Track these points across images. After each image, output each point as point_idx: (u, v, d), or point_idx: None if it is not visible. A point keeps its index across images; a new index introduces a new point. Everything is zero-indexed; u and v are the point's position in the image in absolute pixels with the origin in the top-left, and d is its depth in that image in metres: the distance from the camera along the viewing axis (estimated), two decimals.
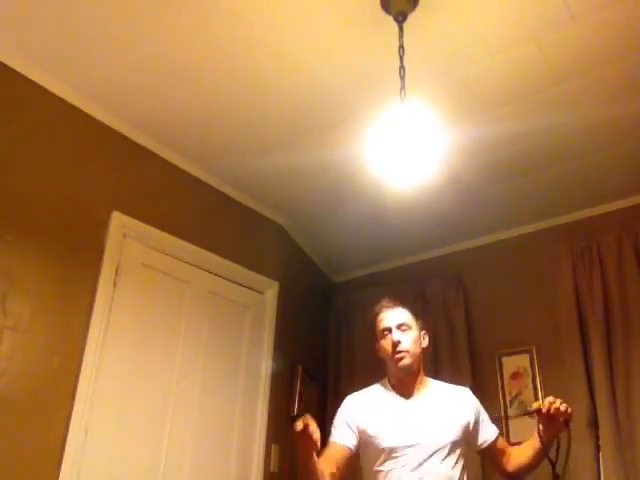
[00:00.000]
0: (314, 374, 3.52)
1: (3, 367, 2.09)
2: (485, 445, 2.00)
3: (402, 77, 1.92)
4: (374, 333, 2.05)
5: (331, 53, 2.25)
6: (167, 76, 2.40)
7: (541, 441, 1.85)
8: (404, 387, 1.98)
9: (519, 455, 1.99)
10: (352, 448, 1.91)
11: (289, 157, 2.85)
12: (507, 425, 3.06)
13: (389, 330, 1.97)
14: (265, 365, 3.14)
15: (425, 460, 1.82)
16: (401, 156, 1.87)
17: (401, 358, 1.93)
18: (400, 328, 1.97)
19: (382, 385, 2.03)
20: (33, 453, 2.12)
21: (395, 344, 1.93)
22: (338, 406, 2.07)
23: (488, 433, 2.02)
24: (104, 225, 2.54)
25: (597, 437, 2.74)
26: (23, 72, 2.35)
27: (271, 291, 3.31)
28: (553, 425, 1.84)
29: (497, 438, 2.03)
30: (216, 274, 3.03)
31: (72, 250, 2.41)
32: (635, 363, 2.72)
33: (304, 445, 1.67)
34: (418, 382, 1.99)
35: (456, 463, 1.87)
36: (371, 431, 1.89)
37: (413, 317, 2.03)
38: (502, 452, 2.02)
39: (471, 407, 2.03)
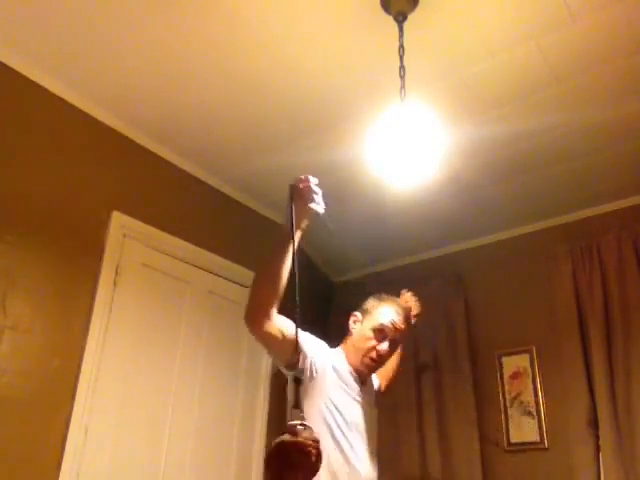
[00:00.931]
0: None
1: (3, 367, 2.10)
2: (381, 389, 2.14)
3: (402, 77, 1.91)
4: (367, 309, 1.98)
5: (331, 53, 2.25)
6: (167, 76, 2.40)
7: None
8: (363, 376, 1.93)
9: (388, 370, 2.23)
10: (294, 352, 1.70)
11: (289, 157, 2.85)
12: (507, 425, 3.07)
13: (384, 332, 1.91)
14: (265, 365, 3.14)
15: (365, 444, 1.84)
16: (401, 156, 1.87)
17: (373, 366, 1.91)
18: (393, 340, 1.92)
19: (343, 358, 1.92)
20: (33, 453, 2.12)
21: (380, 353, 1.89)
22: None
23: (375, 381, 2.13)
24: (104, 225, 2.54)
25: (597, 437, 2.74)
26: (23, 72, 2.35)
27: None
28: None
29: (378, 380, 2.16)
30: (216, 274, 3.03)
31: (72, 250, 2.41)
32: (635, 363, 2.72)
33: (301, 201, 1.53)
34: None
35: None
36: (338, 395, 1.79)
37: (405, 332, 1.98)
38: (385, 378, 2.22)
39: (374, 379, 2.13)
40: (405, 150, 1.85)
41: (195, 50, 2.27)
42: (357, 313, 2.01)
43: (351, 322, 2.00)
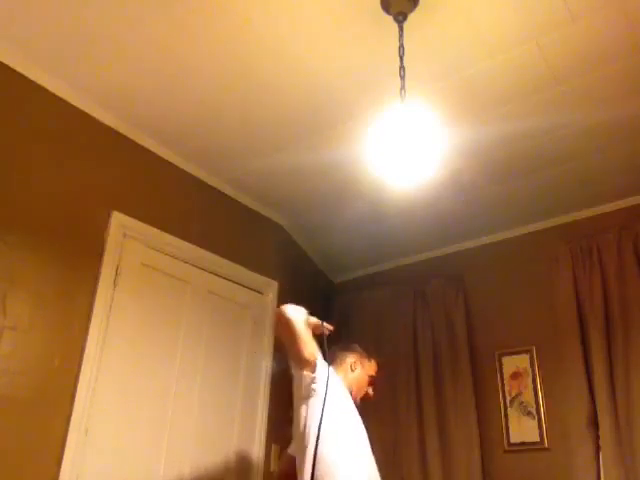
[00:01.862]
0: None
1: (3, 367, 2.09)
2: None
3: (402, 77, 1.92)
4: (362, 358, 2.41)
5: (331, 53, 2.25)
6: (167, 76, 2.40)
7: None
8: (356, 403, 2.29)
9: None
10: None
11: (289, 157, 2.85)
12: (507, 425, 3.07)
13: (373, 380, 2.40)
14: (265, 365, 3.14)
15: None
16: (401, 156, 1.87)
17: (364, 401, 2.34)
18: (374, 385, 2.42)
19: (346, 386, 2.26)
20: (33, 453, 2.12)
21: (370, 396, 2.39)
22: None
23: None
24: (104, 225, 2.54)
25: (597, 437, 2.74)
26: (23, 72, 2.35)
27: (271, 291, 3.31)
28: None
29: None
30: (216, 274, 3.03)
31: (72, 250, 2.41)
32: (635, 363, 2.72)
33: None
34: None
35: None
36: (351, 416, 2.14)
37: None
38: None
39: None
40: (405, 150, 1.85)
41: (195, 50, 2.26)
42: (355, 359, 2.38)
43: (352, 363, 2.37)
